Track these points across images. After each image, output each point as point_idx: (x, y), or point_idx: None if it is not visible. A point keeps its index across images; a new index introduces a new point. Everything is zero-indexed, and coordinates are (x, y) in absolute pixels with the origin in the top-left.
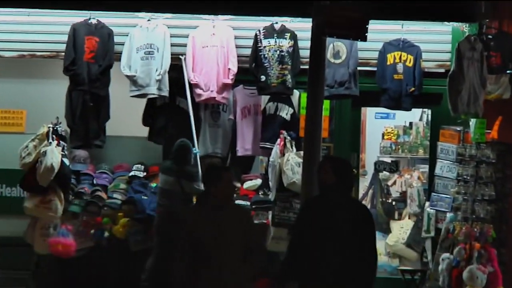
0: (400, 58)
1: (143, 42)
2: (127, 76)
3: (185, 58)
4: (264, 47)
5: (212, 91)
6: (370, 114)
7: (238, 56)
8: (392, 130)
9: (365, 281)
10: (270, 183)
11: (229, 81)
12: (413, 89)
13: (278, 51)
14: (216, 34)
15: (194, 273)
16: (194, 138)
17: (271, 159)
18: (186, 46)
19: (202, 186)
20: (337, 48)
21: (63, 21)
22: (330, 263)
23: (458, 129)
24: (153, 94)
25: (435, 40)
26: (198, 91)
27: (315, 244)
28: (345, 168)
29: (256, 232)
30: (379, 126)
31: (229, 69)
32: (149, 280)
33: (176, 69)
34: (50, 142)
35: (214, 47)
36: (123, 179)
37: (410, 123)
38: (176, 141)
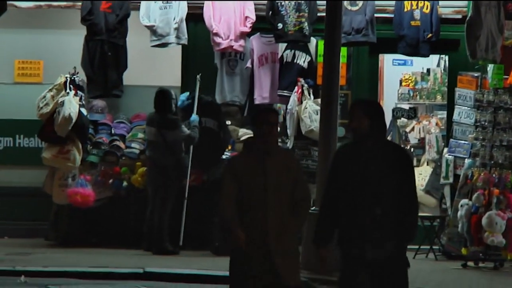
0: (417, 4)
1: None
2: (147, 26)
3: (201, 76)
4: None
5: (231, 39)
6: (387, 61)
7: (255, 4)
8: (410, 76)
9: (408, 228)
10: (288, 131)
11: (247, 29)
12: (430, 35)
13: None
14: None
15: (240, 221)
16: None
17: (289, 106)
18: None
19: (186, 132)
20: None
21: None
22: (371, 212)
23: (476, 75)
24: (173, 43)
25: None
26: (217, 39)
27: (353, 195)
28: (378, 111)
29: (304, 183)
30: (396, 72)
31: (246, 17)
32: (148, 229)
33: (193, 18)
34: (68, 92)
35: None
36: (140, 128)
37: (428, 70)
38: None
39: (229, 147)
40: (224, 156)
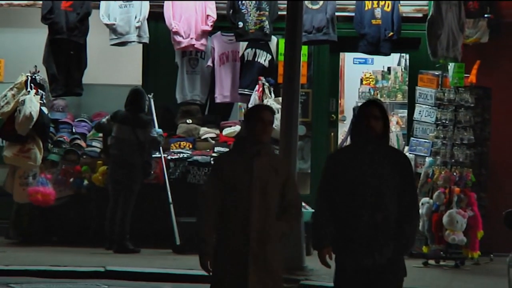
0: (378, 3)
1: None
2: (107, 25)
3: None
4: None
5: (191, 38)
6: (348, 59)
7: (216, 3)
8: (371, 75)
9: (407, 236)
10: None
11: (208, 28)
12: (391, 33)
13: None
14: None
15: (224, 224)
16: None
17: (249, 105)
18: None
19: (154, 134)
20: None
21: None
22: (370, 219)
23: (437, 73)
24: (133, 41)
25: None
26: (178, 38)
27: (352, 201)
28: (387, 114)
29: (295, 185)
30: (357, 71)
31: (208, 15)
32: (109, 227)
33: (154, 16)
34: (29, 91)
35: None
36: None
37: (389, 68)
38: None
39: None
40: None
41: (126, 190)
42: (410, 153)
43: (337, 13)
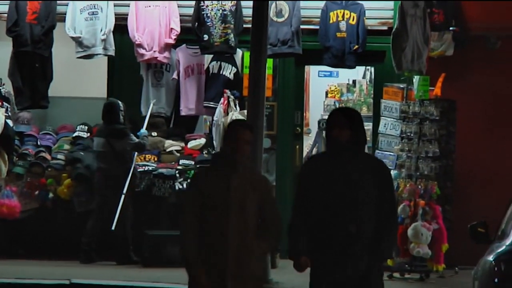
0: (343, 16)
1: (87, 2)
2: (72, 38)
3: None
4: (207, 6)
5: (155, 51)
6: (313, 72)
7: (180, 16)
8: (336, 88)
9: (384, 248)
10: (214, 142)
11: (172, 41)
12: (356, 46)
13: (220, 10)
14: None
15: (202, 243)
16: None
17: (215, 118)
18: (129, 6)
19: (134, 140)
20: (279, 6)
21: None
22: (345, 230)
23: (402, 86)
24: (99, 54)
25: None
26: (141, 50)
27: (326, 211)
28: (359, 120)
29: (274, 204)
30: (322, 84)
31: (171, 28)
32: (89, 241)
33: (119, 29)
34: None
35: (156, 7)
36: (67, 140)
37: (354, 81)
38: None
39: (155, 159)
40: None
41: (113, 203)
42: None
43: (302, 26)
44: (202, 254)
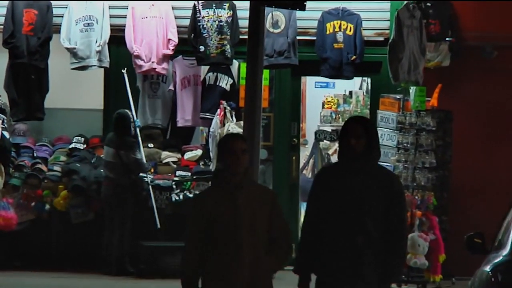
0: (340, 26)
1: (82, 14)
2: (67, 49)
3: (127, 70)
4: (203, 17)
5: (153, 62)
6: (309, 83)
7: (177, 27)
8: (332, 99)
9: (393, 267)
10: (210, 153)
11: (170, 52)
12: (354, 57)
13: (217, 21)
14: (155, 5)
15: (208, 264)
16: (133, 109)
17: (211, 129)
18: (125, 17)
19: (138, 156)
20: (276, 17)
21: None
22: (352, 242)
23: (398, 97)
24: (94, 65)
25: (373, 9)
26: (139, 62)
27: (334, 222)
28: (375, 131)
29: (282, 217)
30: (319, 95)
31: (169, 39)
32: (107, 253)
33: (115, 40)
34: None
35: (153, 18)
36: (63, 151)
37: (350, 92)
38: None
39: (151, 170)
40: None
41: (119, 213)
42: None
43: (298, 37)
44: (213, 273)
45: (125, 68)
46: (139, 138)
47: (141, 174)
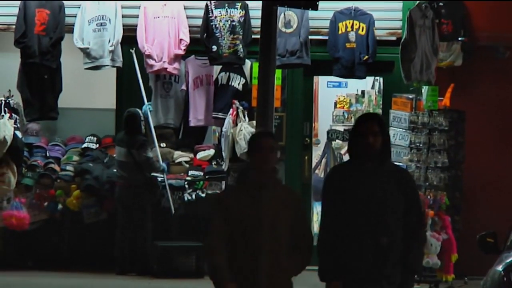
0: (352, 26)
1: (95, 14)
2: (80, 49)
3: (135, 50)
4: (215, 17)
5: (164, 61)
6: (322, 83)
7: (189, 27)
8: (345, 98)
9: (412, 262)
10: (223, 153)
11: (181, 52)
12: (367, 57)
13: (229, 21)
14: (167, 4)
15: (231, 262)
16: (143, 91)
17: (223, 129)
18: (138, 17)
19: (150, 154)
20: (288, 17)
21: None
22: (374, 242)
23: (410, 96)
24: (107, 65)
25: (385, 8)
26: (150, 61)
27: (354, 223)
28: (387, 128)
29: (305, 220)
30: (331, 94)
31: (181, 39)
32: (121, 252)
33: (128, 40)
34: (3, 115)
35: (165, 18)
36: (76, 151)
37: (362, 92)
38: None
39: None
40: None
41: (137, 213)
42: None
43: (310, 37)
44: (233, 274)
45: (133, 48)
46: (154, 138)
47: (154, 174)
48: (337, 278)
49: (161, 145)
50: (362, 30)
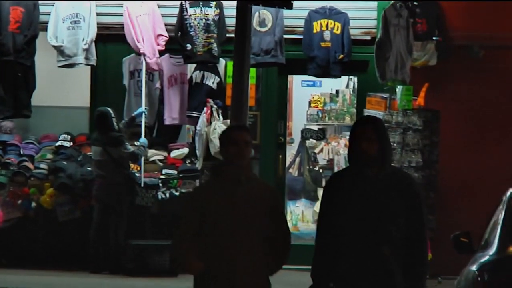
0: (327, 25)
1: (69, 12)
2: (54, 47)
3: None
4: (190, 15)
5: (157, 57)
6: (296, 82)
7: (164, 25)
8: (319, 97)
9: (416, 276)
10: (197, 151)
11: (161, 47)
12: (342, 56)
13: (203, 20)
14: (144, 2)
15: (204, 262)
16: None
17: (198, 127)
18: (112, 15)
19: (130, 147)
20: (262, 16)
21: None
22: (374, 252)
23: (385, 96)
24: (81, 63)
25: (360, 7)
26: (147, 59)
27: (353, 232)
28: (385, 131)
29: (283, 216)
30: (305, 94)
31: (159, 35)
32: (96, 251)
33: (102, 38)
34: None
35: (145, 15)
36: (49, 149)
37: (337, 91)
38: None
39: (138, 168)
40: None
41: (114, 211)
42: None
43: (285, 36)
44: (206, 271)
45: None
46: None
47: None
48: (330, 283)
49: (135, 143)
50: (337, 29)
